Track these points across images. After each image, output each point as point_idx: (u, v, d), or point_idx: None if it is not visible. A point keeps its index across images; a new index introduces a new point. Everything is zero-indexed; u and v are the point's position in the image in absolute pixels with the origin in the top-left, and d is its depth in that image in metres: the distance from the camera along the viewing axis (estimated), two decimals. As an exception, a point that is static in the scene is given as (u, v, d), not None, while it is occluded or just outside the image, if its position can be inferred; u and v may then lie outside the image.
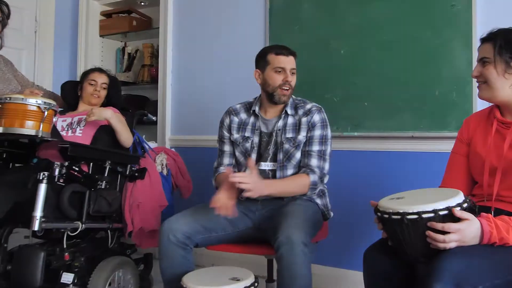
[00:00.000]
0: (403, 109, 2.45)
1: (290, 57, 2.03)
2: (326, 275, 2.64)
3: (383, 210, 1.37)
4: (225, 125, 2.16)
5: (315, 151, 2.01)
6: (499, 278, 1.21)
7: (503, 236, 1.26)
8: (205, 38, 3.15)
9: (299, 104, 2.10)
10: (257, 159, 2.07)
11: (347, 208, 2.54)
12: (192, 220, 1.91)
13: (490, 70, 1.47)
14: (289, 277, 1.67)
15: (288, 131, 2.04)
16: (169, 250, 1.84)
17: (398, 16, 2.47)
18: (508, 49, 1.45)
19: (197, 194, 2.69)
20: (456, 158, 1.67)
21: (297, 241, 1.67)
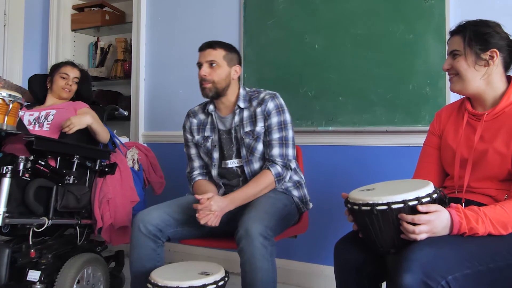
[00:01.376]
0: (377, 104, 2.45)
1: (207, 50, 1.99)
2: (303, 271, 2.63)
3: (353, 201, 1.36)
4: (187, 128, 2.14)
5: (276, 139, 1.97)
6: (469, 269, 1.20)
7: (473, 226, 1.26)
8: (179, 33, 3.10)
9: (253, 96, 2.05)
10: (220, 157, 2.05)
11: (322, 203, 2.52)
12: (164, 212, 1.89)
13: (460, 63, 1.48)
14: (250, 271, 1.66)
15: (245, 125, 2.01)
16: (139, 241, 1.83)
17: (372, 10, 2.47)
18: (478, 41, 1.45)
19: (170, 190, 2.64)
20: (428, 150, 1.67)
21: (255, 234, 1.65)
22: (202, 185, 2.07)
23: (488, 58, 1.45)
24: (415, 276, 1.15)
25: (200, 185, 2.07)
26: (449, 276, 1.17)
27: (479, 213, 1.28)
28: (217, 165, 2.05)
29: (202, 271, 1.59)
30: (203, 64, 1.99)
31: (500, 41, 1.46)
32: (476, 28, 1.47)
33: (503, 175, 1.42)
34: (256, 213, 1.76)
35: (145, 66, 3.22)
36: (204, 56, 1.99)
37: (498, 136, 1.43)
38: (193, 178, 2.11)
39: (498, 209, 1.30)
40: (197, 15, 3.03)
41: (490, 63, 1.45)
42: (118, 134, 2.57)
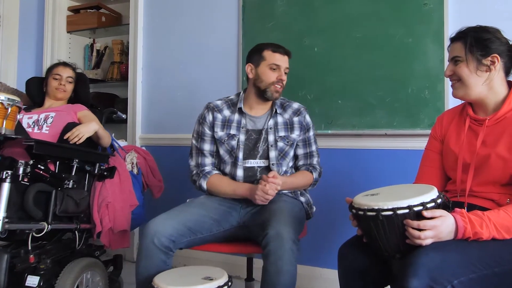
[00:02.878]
0: (376, 107, 2.47)
1: (286, 57, 2.08)
2: (302, 274, 2.63)
3: (358, 206, 1.37)
4: (207, 122, 2.10)
5: (315, 150, 2.17)
6: (475, 273, 1.22)
7: (477, 231, 1.28)
8: (177, 35, 3.10)
9: (285, 104, 2.15)
10: (243, 156, 2.05)
11: (323, 206, 2.53)
12: (177, 222, 1.84)
13: (462, 68, 1.49)
14: (276, 273, 1.66)
15: (280, 129, 2.09)
16: (151, 253, 1.77)
17: (371, 13, 2.49)
18: (479, 46, 1.48)
19: (169, 193, 2.64)
20: (430, 154, 1.69)
21: (286, 237, 1.67)
22: (222, 178, 2.05)
23: (490, 64, 1.47)
24: (421, 281, 1.17)
25: (220, 179, 2.05)
26: (455, 280, 1.18)
27: (483, 217, 1.30)
28: (242, 165, 2.04)
29: (206, 276, 1.59)
30: (282, 68, 2.06)
31: (501, 46, 1.48)
32: (477, 34, 1.49)
33: (505, 180, 1.44)
34: (284, 217, 1.78)
35: (142, 68, 3.21)
36: (283, 62, 2.07)
37: (500, 141, 1.45)
38: (207, 172, 2.06)
39: (502, 214, 1.32)
40: (195, 17, 3.04)
41: (492, 69, 1.48)
42: (116, 137, 2.56)
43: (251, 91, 2.10)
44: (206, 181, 2.05)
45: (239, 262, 2.14)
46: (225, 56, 2.81)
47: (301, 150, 2.14)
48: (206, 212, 1.94)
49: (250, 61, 2.09)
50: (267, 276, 1.69)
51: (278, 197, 1.98)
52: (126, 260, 2.73)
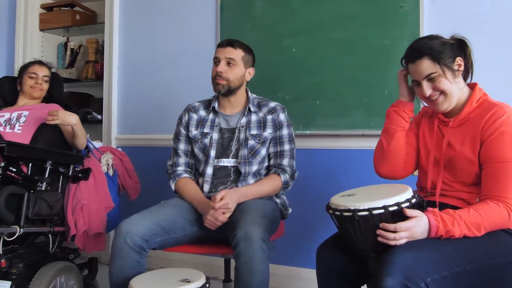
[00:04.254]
0: (354, 108, 2.51)
1: (228, 48, 2.06)
2: (281, 274, 2.66)
3: (335, 207, 1.41)
4: (183, 122, 2.16)
5: (287, 150, 2.10)
6: (447, 270, 1.27)
7: (449, 229, 1.32)
8: (154, 34, 3.09)
9: (262, 102, 2.16)
10: (217, 155, 2.07)
11: (301, 206, 2.57)
12: (150, 222, 1.85)
13: (444, 81, 1.50)
14: (248, 273, 1.68)
15: (252, 127, 2.09)
16: (124, 253, 1.78)
17: (349, 15, 2.53)
18: (443, 55, 1.49)
19: (146, 195, 2.63)
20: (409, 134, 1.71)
21: (255, 237, 1.68)
22: (188, 183, 2.09)
23: (458, 67, 1.52)
24: (396, 279, 1.20)
25: (186, 183, 2.09)
26: (428, 278, 1.22)
27: (455, 216, 1.35)
28: (213, 163, 2.06)
29: (183, 278, 1.59)
30: (221, 61, 2.05)
31: (453, 47, 1.52)
32: (433, 45, 1.51)
33: (472, 179, 1.50)
34: (254, 217, 1.79)
35: (118, 68, 3.19)
36: (223, 53, 2.05)
37: (464, 142, 1.51)
38: (178, 174, 2.12)
39: (472, 212, 1.37)
40: (172, 17, 3.03)
41: (460, 70, 1.52)
42: (91, 138, 2.54)
43: None
44: (175, 183, 2.11)
45: (216, 263, 2.15)
46: (202, 56, 2.81)
47: (272, 149, 2.10)
48: (179, 213, 1.96)
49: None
50: (239, 277, 1.71)
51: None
52: (101, 263, 2.70)
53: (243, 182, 2.05)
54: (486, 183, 1.45)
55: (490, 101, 1.53)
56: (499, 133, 1.43)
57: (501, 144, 1.43)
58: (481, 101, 1.54)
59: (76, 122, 2.19)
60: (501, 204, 1.38)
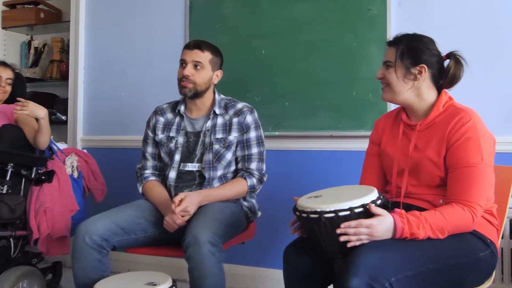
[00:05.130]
0: (322, 109, 2.54)
1: (194, 50, 2.02)
2: (249, 275, 2.67)
3: (302, 209, 1.42)
4: (151, 125, 2.15)
5: (255, 153, 2.07)
6: (411, 270, 1.30)
7: (414, 231, 1.35)
8: (121, 33, 3.05)
9: (229, 104, 2.12)
10: (182, 159, 2.05)
11: (269, 207, 2.58)
12: (110, 221, 1.86)
13: (391, 74, 1.57)
14: (199, 277, 1.68)
15: (217, 131, 2.05)
16: (84, 253, 1.78)
17: (318, 17, 2.56)
18: (410, 55, 1.55)
19: (112, 197, 2.59)
20: (369, 158, 1.78)
21: (203, 241, 1.67)
22: (155, 186, 2.08)
23: (417, 73, 1.55)
24: (361, 279, 1.22)
25: (153, 186, 2.08)
26: (393, 278, 1.25)
27: (421, 218, 1.38)
28: (177, 168, 2.05)
29: (149, 281, 1.58)
30: (188, 64, 2.01)
31: (431, 57, 1.56)
32: (410, 42, 1.57)
33: (437, 182, 1.54)
34: (204, 220, 1.78)
35: (84, 67, 3.14)
36: (190, 55, 2.01)
37: (430, 145, 1.54)
38: (145, 177, 2.12)
39: (437, 215, 1.40)
40: (140, 16, 3.00)
41: (418, 78, 1.56)
42: (55, 139, 2.49)
43: None
44: (142, 186, 2.11)
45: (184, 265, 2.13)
46: (171, 57, 2.79)
47: (239, 152, 2.07)
48: (141, 214, 1.96)
49: None
50: (193, 281, 1.71)
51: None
52: (66, 267, 2.65)
53: (208, 187, 2.03)
54: (451, 187, 1.48)
55: (456, 105, 1.58)
56: (465, 139, 1.47)
57: (466, 149, 1.47)
58: (447, 106, 1.58)
59: (44, 116, 2.15)
60: (466, 208, 1.42)
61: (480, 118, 1.54)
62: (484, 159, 1.45)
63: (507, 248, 2.21)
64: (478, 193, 1.43)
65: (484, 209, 1.47)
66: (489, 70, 2.28)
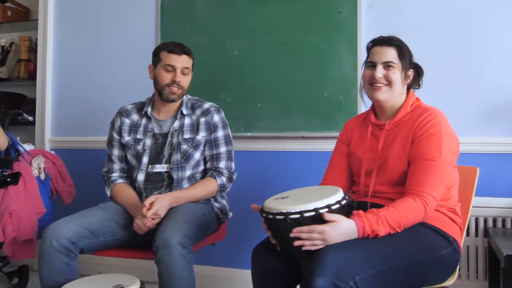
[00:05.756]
0: (294, 110, 2.57)
1: (183, 56, 2.03)
2: (221, 276, 2.67)
3: (268, 210, 1.44)
4: (116, 127, 2.12)
5: (224, 152, 2.09)
6: (374, 268, 1.33)
7: (374, 228, 1.39)
8: (91, 33, 3.02)
9: (196, 104, 2.13)
10: (150, 161, 2.04)
11: (241, 208, 2.58)
12: (78, 224, 1.84)
13: (397, 75, 1.62)
14: (169, 280, 1.68)
15: (185, 131, 2.06)
16: (51, 256, 1.76)
17: (290, 19, 2.59)
18: (407, 57, 1.63)
19: (81, 199, 2.56)
20: (337, 157, 1.82)
21: (174, 243, 1.68)
22: (123, 189, 2.07)
23: (408, 76, 1.65)
24: (326, 279, 1.25)
25: (121, 189, 2.07)
26: (357, 276, 1.28)
27: (379, 215, 1.41)
28: (145, 170, 2.04)
29: (117, 284, 1.57)
30: (178, 69, 2.01)
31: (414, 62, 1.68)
32: (406, 47, 1.65)
33: (402, 179, 1.58)
34: (174, 222, 1.78)
35: (52, 67, 3.09)
36: (179, 61, 2.02)
37: (396, 142, 1.60)
38: (112, 180, 2.10)
39: (391, 209, 1.43)
40: (111, 15, 2.97)
41: (408, 80, 1.65)
42: (22, 140, 2.44)
43: (155, 93, 2.11)
44: (110, 190, 2.10)
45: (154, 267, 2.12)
46: (142, 57, 2.77)
47: (207, 152, 2.09)
48: (110, 216, 1.95)
49: (152, 62, 2.09)
50: (162, 284, 1.71)
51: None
52: (33, 271, 2.61)
53: (177, 188, 2.04)
54: (409, 179, 1.53)
55: (423, 105, 1.64)
56: (428, 134, 1.53)
57: (428, 144, 1.52)
58: (414, 106, 1.65)
59: None
60: (417, 199, 1.45)
61: (445, 117, 1.59)
62: (443, 155, 1.50)
63: (473, 245, 2.28)
64: (431, 184, 1.47)
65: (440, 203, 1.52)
66: (455, 73, 2.35)
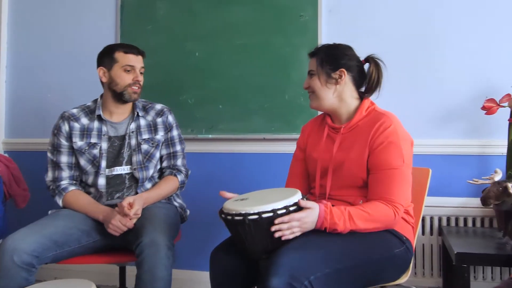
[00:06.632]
0: (256, 112, 2.60)
1: (139, 57, 2.09)
2: (182, 279, 2.67)
3: (227, 212, 1.46)
4: (64, 132, 2.05)
5: (179, 150, 2.17)
6: (329, 268, 1.37)
7: (335, 222, 1.45)
8: (47, 32, 2.96)
9: (147, 106, 2.17)
10: (108, 164, 2.04)
11: (202, 210, 2.61)
12: (41, 236, 1.76)
13: (315, 81, 1.71)
14: (150, 280, 1.68)
15: (143, 132, 2.10)
16: (11, 272, 1.67)
17: (252, 21, 2.62)
18: (329, 62, 1.70)
19: (36, 202, 2.51)
20: (294, 163, 1.88)
21: (162, 244, 1.71)
22: (80, 194, 2.02)
23: (338, 77, 1.69)
24: (281, 279, 1.28)
25: (77, 195, 2.01)
26: (312, 276, 1.32)
27: (344, 212, 1.47)
28: (104, 174, 2.02)
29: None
30: (137, 69, 2.06)
31: (349, 61, 1.70)
32: (328, 50, 1.72)
33: (359, 183, 1.64)
34: (159, 224, 1.81)
35: (6, 66, 3.02)
36: (138, 61, 2.07)
37: (353, 147, 1.65)
38: (63, 188, 2.02)
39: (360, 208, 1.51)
40: (68, 14, 2.92)
41: (339, 81, 1.69)
42: (-26, 142, 2.38)
43: (108, 96, 2.09)
44: (62, 199, 2.01)
45: (112, 271, 2.11)
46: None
47: (164, 151, 2.15)
48: (73, 224, 1.90)
49: (102, 64, 2.06)
50: (141, 285, 1.70)
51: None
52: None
53: (141, 188, 2.05)
54: (374, 187, 1.58)
55: (377, 110, 1.70)
56: (388, 143, 1.58)
57: (388, 153, 1.57)
58: (369, 110, 1.70)
59: None
60: (389, 205, 1.52)
61: (399, 121, 1.66)
62: (405, 161, 1.57)
63: (428, 244, 2.37)
64: (399, 193, 1.54)
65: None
66: (412, 77, 2.44)
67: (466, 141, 2.38)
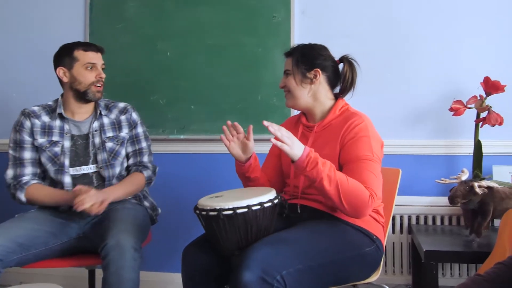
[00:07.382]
0: (228, 112, 2.61)
1: (99, 53, 2.08)
2: (153, 281, 2.66)
3: (202, 207, 1.48)
4: (26, 128, 2.02)
5: (145, 147, 2.16)
6: (301, 264, 1.40)
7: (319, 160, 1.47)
8: (13, 29, 2.90)
9: (109, 104, 2.16)
10: (72, 163, 2.01)
11: (173, 210, 2.61)
12: (4, 239, 1.73)
13: (290, 81, 1.75)
14: (117, 283, 1.66)
15: (107, 130, 2.08)
16: None
17: (225, 22, 2.64)
18: (304, 62, 1.74)
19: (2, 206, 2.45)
20: (269, 158, 1.92)
21: (127, 246, 1.68)
22: (42, 187, 1.98)
23: (312, 77, 1.73)
24: (253, 272, 1.30)
25: (40, 188, 1.98)
26: (284, 271, 1.35)
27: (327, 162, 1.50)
28: (69, 172, 1.99)
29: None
30: (99, 66, 2.05)
31: (324, 61, 1.74)
32: (304, 50, 1.76)
33: None
34: (126, 226, 1.78)
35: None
36: (98, 59, 2.06)
37: (326, 145, 1.69)
38: (25, 183, 1.97)
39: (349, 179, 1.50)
40: (35, 11, 2.87)
41: (314, 81, 1.73)
42: None
43: (69, 96, 2.06)
44: (24, 193, 1.96)
45: (81, 274, 2.09)
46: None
47: (129, 148, 2.14)
48: (39, 226, 1.87)
49: (61, 64, 2.04)
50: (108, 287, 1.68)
51: (121, 204, 2.00)
52: None
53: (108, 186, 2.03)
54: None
55: (351, 110, 1.75)
56: (358, 137, 1.62)
57: (358, 146, 1.61)
58: (343, 110, 1.74)
59: None
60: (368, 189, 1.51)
61: (371, 122, 1.70)
62: (375, 156, 1.60)
63: (398, 242, 2.43)
64: (372, 182, 1.54)
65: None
66: (383, 79, 2.51)
67: (434, 141, 2.45)
